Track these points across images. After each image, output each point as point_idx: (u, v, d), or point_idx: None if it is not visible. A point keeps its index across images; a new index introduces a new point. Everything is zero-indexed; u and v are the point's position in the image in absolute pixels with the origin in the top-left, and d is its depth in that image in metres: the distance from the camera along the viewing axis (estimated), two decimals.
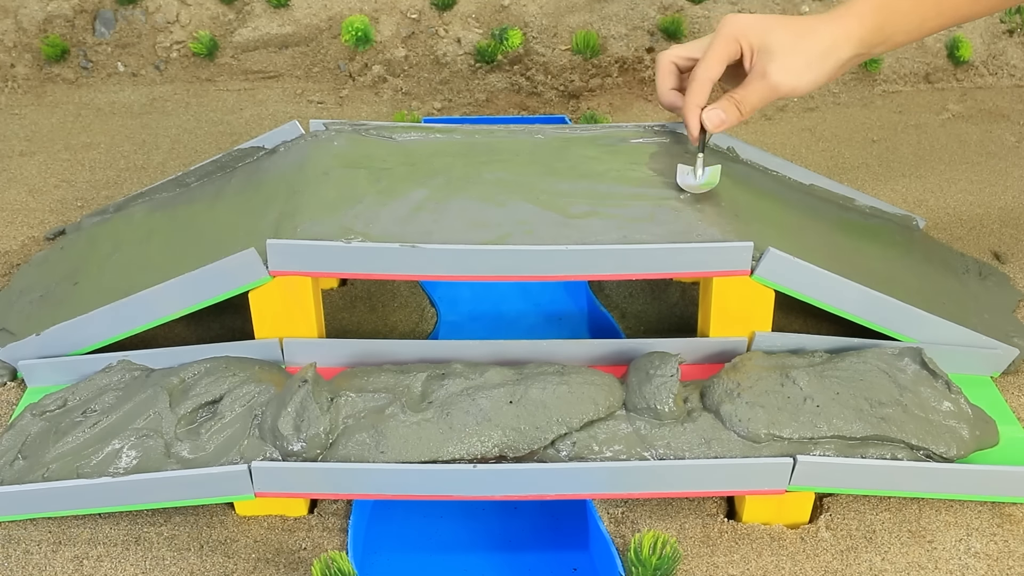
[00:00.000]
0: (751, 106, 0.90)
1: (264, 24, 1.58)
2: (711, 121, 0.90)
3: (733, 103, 0.90)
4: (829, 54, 0.88)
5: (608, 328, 1.04)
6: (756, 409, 0.80)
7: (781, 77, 0.88)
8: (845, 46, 0.88)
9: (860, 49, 0.89)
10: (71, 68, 1.59)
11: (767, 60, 0.88)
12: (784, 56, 0.87)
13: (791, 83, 0.88)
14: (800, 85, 0.88)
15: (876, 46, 0.90)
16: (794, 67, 0.88)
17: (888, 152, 1.40)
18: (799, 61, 0.88)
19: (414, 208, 0.88)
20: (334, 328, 1.04)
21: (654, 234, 0.85)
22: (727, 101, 0.90)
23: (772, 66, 0.88)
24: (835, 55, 0.88)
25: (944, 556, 0.80)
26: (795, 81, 0.88)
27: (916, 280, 0.99)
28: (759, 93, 0.89)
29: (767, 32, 0.88)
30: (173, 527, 0.82)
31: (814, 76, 0.88)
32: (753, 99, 0.90)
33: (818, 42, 0.88)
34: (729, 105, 0.90)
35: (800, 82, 0.88)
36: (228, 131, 1.46)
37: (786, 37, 0.88)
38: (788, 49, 0.87)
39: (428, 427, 0.79)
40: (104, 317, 0.89)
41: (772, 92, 0.89)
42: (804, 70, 0.88)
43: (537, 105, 1.52)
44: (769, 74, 0.88)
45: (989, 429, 0.84)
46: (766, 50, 0.88)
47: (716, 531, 0.82)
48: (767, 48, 0.88)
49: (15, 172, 1.34)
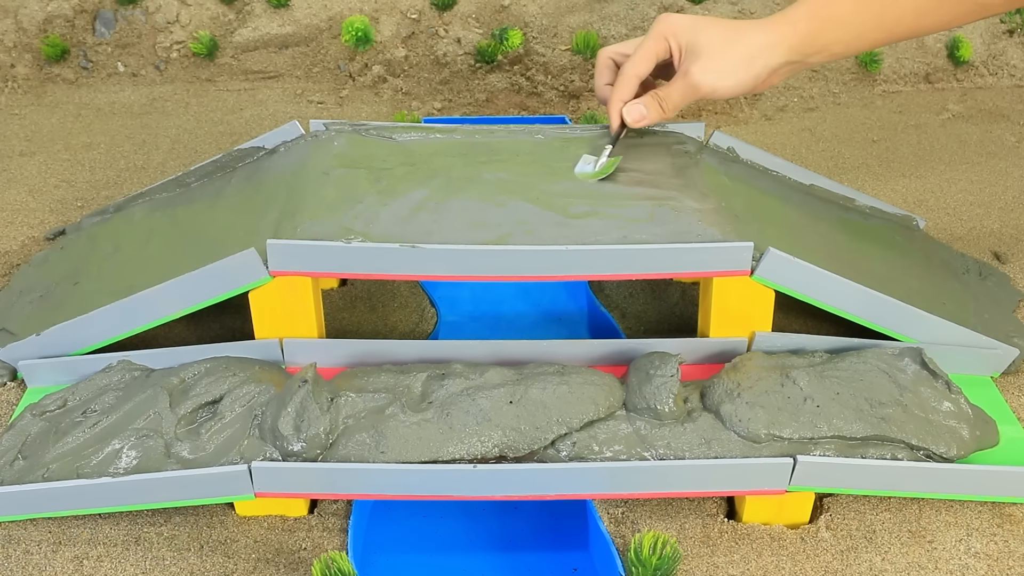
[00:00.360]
0: (673, 104, 0.91)
1: (264, 24, 1.59)
2: (631, 115, 0.92)
3: (656, 100, 0.91)
4: (756, 59, 0.88)
5: (608, 328, 1.04)
6: (756, 409, 0.80)
7: (702, 77, 0.88)
8: (774, 52, 0.88)
9: (791, 57, 0.89)
10: (71, 68, 1.59)
11: (691, 60, 0.89)
12: (709, 57, 0.88)
13: (711, 83, 0.89)
14: (721, 87, 0.89)
15: (811, 55, 0.89)
16: (717, 68, 0.88)
17: (888, 152, 1.40)
18: (723, 63, 0.88)
19: (414, 208, 0.88)
20: (334, 328, 1.04)
21: (654, 234, 0.85)
22: (650, 97, 0.92)
23: (695, 66, 0.89)
24: (762, 60, 0.88)
25: (944, 556, 0.80)
26: (716, 82, 0.89)
27: (916, 280, 0.99)
28: (681, 91, 0.90)
29: (696, 32, 0.89)
30: (173, 527, 0.82)
31: (738, 79, 0.88)
32: (675, 97, 0.91)
33: (745, 46, 0.88)
34: (651, 101, 0.92)
35: (722, 84, 0.89)
36: (228, 131, 1.46)
37: (714, 39, 0.89)
38: (714, 51, 0.88)
39: (428, 427, 0.79)
40: (104, 317, 0.89)
41: (693, 92, 0.90)
42: (727, 73, 0.88)
43: (537, 105, 1.52)
44: (691, 73, 0.89)
45: (989, 429, 0.84)
46: (693, 50, 0.89)
47: (716, 531, 0.82)
48: (694, 48, 0.89)
49: (15, 172, 1.34)
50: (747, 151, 1.07)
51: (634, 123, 0.92)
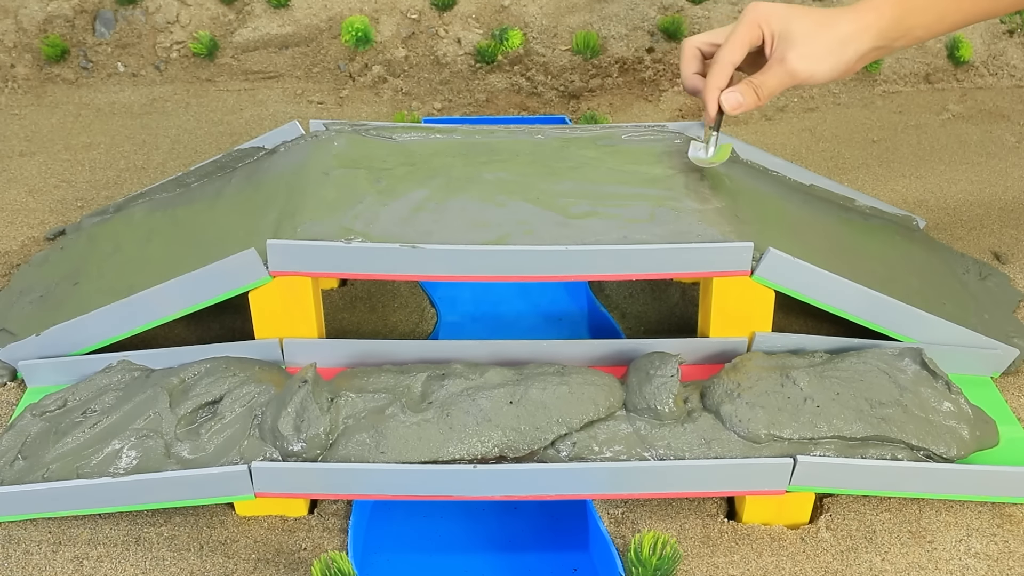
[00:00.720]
0: (769, 90, 0.91)
1: (264, 24, 1.58)
2: (729, 103, 0.91)
3: (752, 87, 0.91)
4: (848, 44, 0.89)
5: (608, 328, 1.04)
6: (756, 409, 0.80)
7: (799, 64, 0.89)
8: (864, 37, 0.89)
9: (879, 41, 0.90)
10: (71, 68, 1.59)
11: (786, 47, 0.89)
12: (803, 43, 0.89)
13: (809, 69, 0.89)
14: (818, 72, 0.89)
15: (896, 39, 0.91)
16: (813, 54, 0.89)
17: (888, 152, 1.40)
18: (818, 49, 0.89)
19: (414, 208, 0.88)
20: (334, 328, 1.04)
21: (654, 234, 0.85)
22: (745, 85, 0.91)
23: (791, 52, 0.89)
24: (854, 45, 0.89)
25: (944, 556, 0.80)
26: (813, 68, 0.89)
27: (916, 280, 0.99)
28: (778, 78, 0.90)
29: (788, 19, 0.90)
30: (173, 527, 0.82)
31: (832, 64, 0.89)
32: (771, 83, 0.91)
33: (838, 31, 0.89)
34: (747, 88, 0.91)
35: (818, 69, 0.89)
36: (228, 131, 1.46)
37: (806, 25, 0.89)
38: (808, 37, 0.89)
39: (428, 427, 0.79)
40: (104, 317, 0.89)
41: (790, 78, 0.90)
42: (823, 58, 0.89)
43: (537, 105, 1.52)
44: (788, 60, 0.89)
45: (989, 429, 0.84)
46: (786, 37, 0.90)
47: (716, 531, 0.82)
48: (787, 35, 0.89)
49: (15, 172, 1.34)
50: (747, 151, 1.07)
51: (732, 110, 0.91)
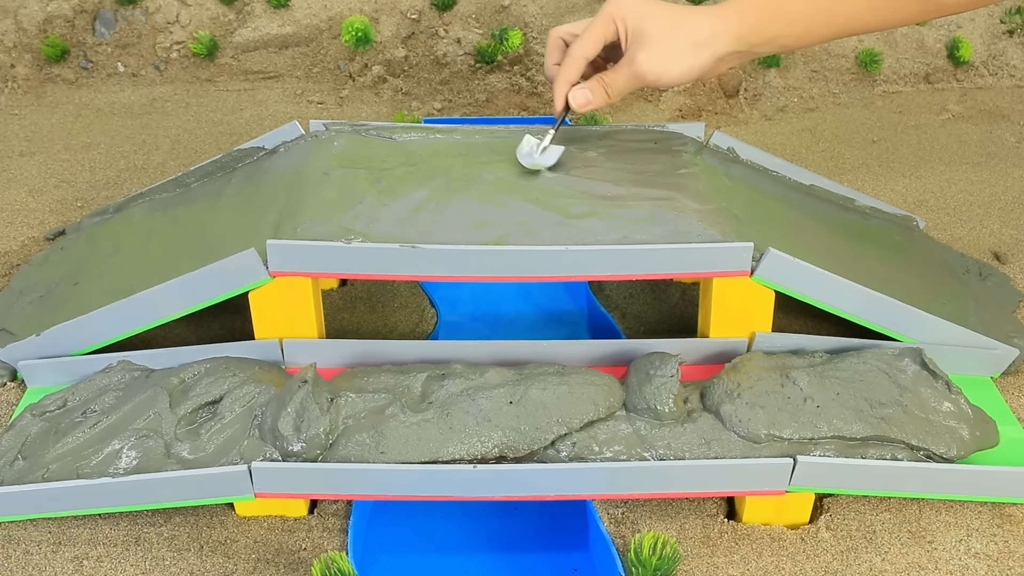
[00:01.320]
0: (618, 90, 0.90)
1: (264, 24, 1.58)
2: (576, 100, 0.91)
3: (602, 85, 0.90)
4: (702, 47, 0.87)
5: (608, 328, 1.04)
6: (756, 409, 0.80)
7: (648, 65, 0.87)
8: (721, 41, 0.87)
9: (738, 46, 0.88)
10: (71, 68, 1.59)
11: (637, 47, 0.88)
12: (654, 45, 0.87)
13: (656, 71, 0.88)
14: (666, 75, 0.88)
15: (759, 45, 0.88)
16: (662, 57, 0.87)
17: (888, 152, 1.40)
18: (668, 52, 0.87)
19: (414, 208, 0.88)
20: (334, 328, 1.04)
21: (654, 234, 0.85)
22: (596, 82, 0.91)
23: (640, 54, 0.87)
24: (709, 49, 0.87)
25: (944, 556, 0.80)
26: (661, 70, 0.87)
27: (916, 280, 0.99)
28: (625, 78, 0.89)
29: (644, 17, 0.88)
30: (173, 527, 0.82)
31: (683, 68, 0.87)
32: (620, 83, 0.90)
33: (691, 34, 0.87)
34: (597, 86, 0.90)
35: (667, 72, 0.88)
36: (228, 131, 1.46)
37: (660, 25, 0.87)
38: (659, 38, 0.87)
39: (428, 427, 0.79)
40: (104, 317, 0.89)
41: (637, 80, 0.89)
42: (672, 61, 0.87)
43: (537, 105, 1.52)
44: (636, 61, 0.88)
45: (989, 429, 0.84)
46: (639, 36, 0.88)
47: (716, 531, 0.82)
48: (640, 34, 0.88)
49: (15, 172, 1.34)
50: (747, 151, 1.07)
51: (579, 108, 0.91)
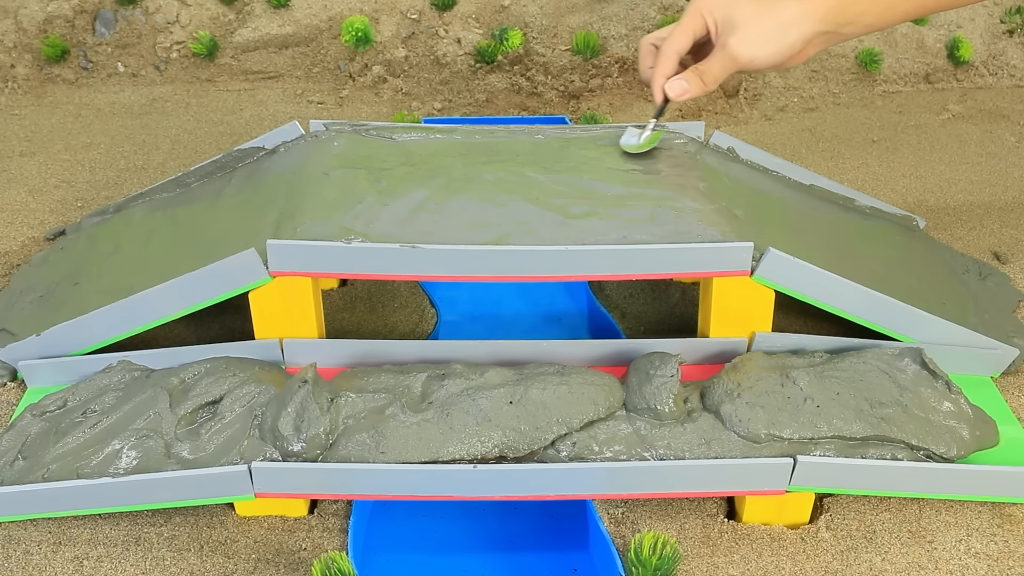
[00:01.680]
0: (714, 76, 0.92)
1: (264, 24, 1.58)
2: (673, 90, 0.93)
3: (697, 74, 0.93)
4: (790, 28, 0.89)
5: (608, 328, 1.04)
6: (756, 409, 0.80)
7: (740, 47, 0.90)
8: (808, 21, 0.89)
9: (824, 26, 0.90)
10: (71, 68, 1.59)
11: (729, 32, 0.91)
12: (744, 28, 0.90)
13: (749, 53, 0.90)
14: (759, 56, 0.90)
15: (843, 25, 0.90)
16: (754, 39, 0.90)
17: (888, 152, 1.40)
18: (759, 33, 0.90)
19: (414, 208, 0.88)
20: (334, 328, 1.04)
21: (654, 234, 0.85)
22: (691, 72, 0.93)
23: (732, 38, 0.90)
24: (796, 29, 0.89)
25: (944, 556, 0.80)
26: (753, 51, 0.90)
27: (916, 280, 0.99)
28: (721, 63, 0.92)
29: (730, 6, 0.91)
30: (173, 527, 0.82)
31: (774, 48, 0.90)
32: (715, 70, 0.92)
33: (779, 16, 0.89)
34: (692, 76, 0.93)
35: (759, 53, 0.90)
36: (228, 131, 1.46)
37: (748, 11, 0.90)
38: (749, 21, 0.90)
39: (428, 427, 0.79)
40: (104, 317, 0.89)
41: (732, 63, 0.91)
42: (764, 42, 0.90)
43: (537, 105, 1.52)
44: (729, 45, 0.90)
45: (989, 429, 0.84)
46: (729, 23, 0.91)
47: (716, 531, 0.82)
48: (730, 21, 0.91)
49: (15, 172, 1.34)
50: (747, 151, 1.07)
51: (677, 97, 0.93)
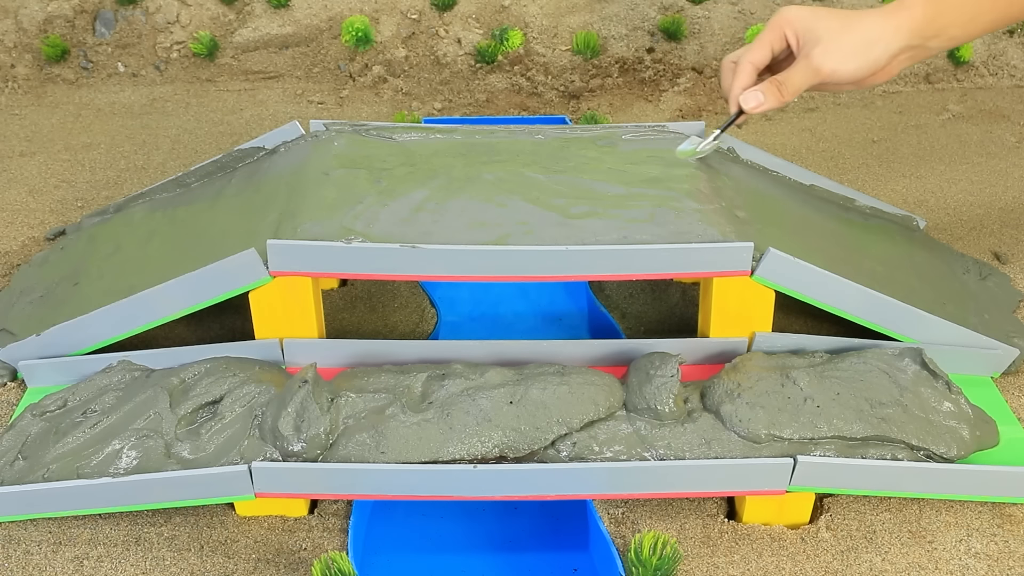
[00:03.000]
0: (794, 87, 0.91)
1: (264, 24, 1.59)
2: (748, 102, 0.92)
3: (774, 84, 0.91)
4: (875, 43, 0.88)
5: (608, 328, 1.04)
6: (756, 409, 0.80)
7: (823, 60, 0.89)
8: (894, 37, 0.88)
9: (911, 40, 0.89)
10: (71, 68, 1.59)
11: (812, 44, 0.89)
12: (828, 41, 0.89)
13: (832, 66, 0.89)
14: (841, 70, 0.89)
15: (930, 39, 0.89)
16: (838, 52, 0.88)
17: (888, 152, 1.40)
18: (843, 47, 0.88)
19: (414, 208, 0.88)
20: (334, 328, 1.04)
21: (654, 234, 0.85)
22: (768, 83, 0.92)
23: (816, 50, 0.89)
24: (882, 45, 0.88)
25: (944, 556, 0.80)
26: (836, 65, 0.89)
27: (916, 280, 0.99)
28: (802, 74, 0.90)
29: (814, 20, 0.90)
30: (173, 527, 0.82)
31: (859, 63, 0.89)
32: (796, 80, 0.91)
33: (865, 30, 0.88)
34: (769, 87, 0.91)
35: (844, 67, 0.89)
36: (228, 131, 1.46)
37: (832, 25, 0.89)
38: (833, 35, 0.89)
39: (428, 427, 0.79)
40: (104, 317, 0.89)
41: (814, 75, 0.90)
42: (849, 56, 0.88)
43: (537, 105, 1.52)
44: (812, 56, 0.89)
45: (989, 429, 0.84)
46: (812, 36, 0.90)
47: (716, 531, 0.82)
48: (813, 34, 0.89)
49: (15, 172, 1.34)
50: (747, 151, 1.07)
51: (751, 109, 0.92)
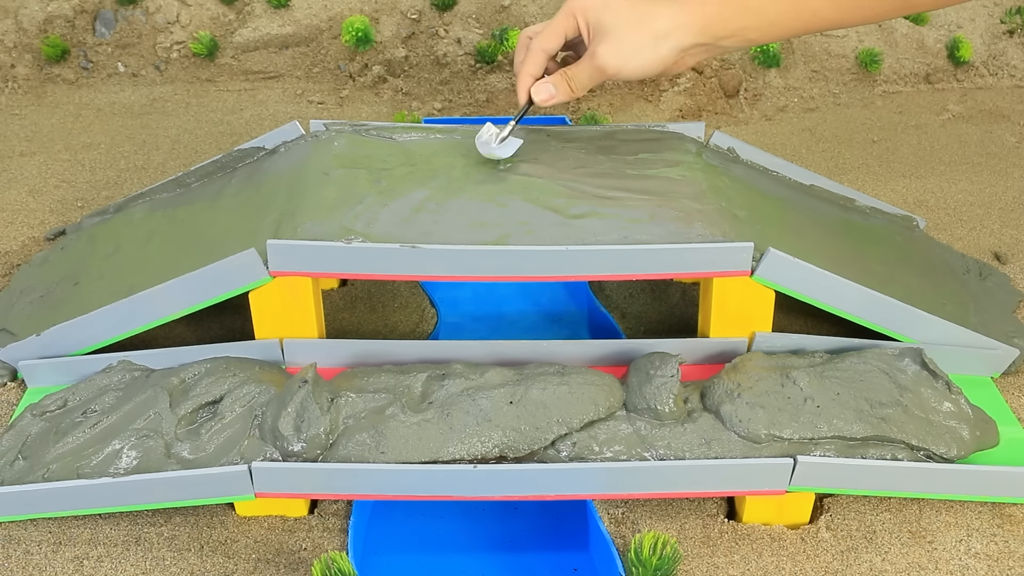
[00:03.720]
0: (581, 84, 0.90)
1: (264, 24, 1.58)
2: (539, 95, 0.91)
3: (565, 79, 0.90)
4: (663, 40, 0.86)
5: (608, 328, 1.04)
6: (756, 409, 0.80)
7: (608, 58, 0.87)
8: (684, 33, 0.86)
9: (701, 38, 0.86)
10: (71, 68, 1.59)
11: (599, 40, 0.87)
12: (615, 38, 0.87)
13: (617, 64, 0.87)
14: (627, 67, 0.87)
15: (724, 38, 0.87)
16: (622, 50, 0.87)
17: (888, 152, 1.40)
18: (629, 44, 0.86)
19: (414, 208, 0.88)
20: (334, 328, 1.04)
21: (654, 234, 0.85)
22: (559, 76, 0.90)
23: (601, 47, 0.87)
24: (671, 41, 0.86)
25: (944, 556, 0.80)
26: (621, 63, 0.87)
27: (916, 280, 0.99)
28: (588, 72, 0.89)
29: (604, 11, 0.87)
30: (173, 527, 0.82)
31: (645, 61, 0.87)
32: (582, 77, 0.89)
33: (652, 26, 0.86)
34: (560, 80, 0.90)
35: (628, 64, 0.87)
36: (228, 131, 1.46)
37: (621, 19, 0.87)
38: (620, 31, 0.87)
39: (428, 427, 0.79)
40: (104, 317, 0.89)
41: (599, 73, 0.88)
42: (634, 53, 0.86)
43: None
44: (597, 55, 0.87)
45: (989, 430, 0.84)
46: (600, 30, 0.87)
47: (716, 531, 0.82)
48: (601, 27, 0.87)
49: (15, 172, 1.34)
50: (747, 151, 1.07)
51: (542, 102, 0.91)
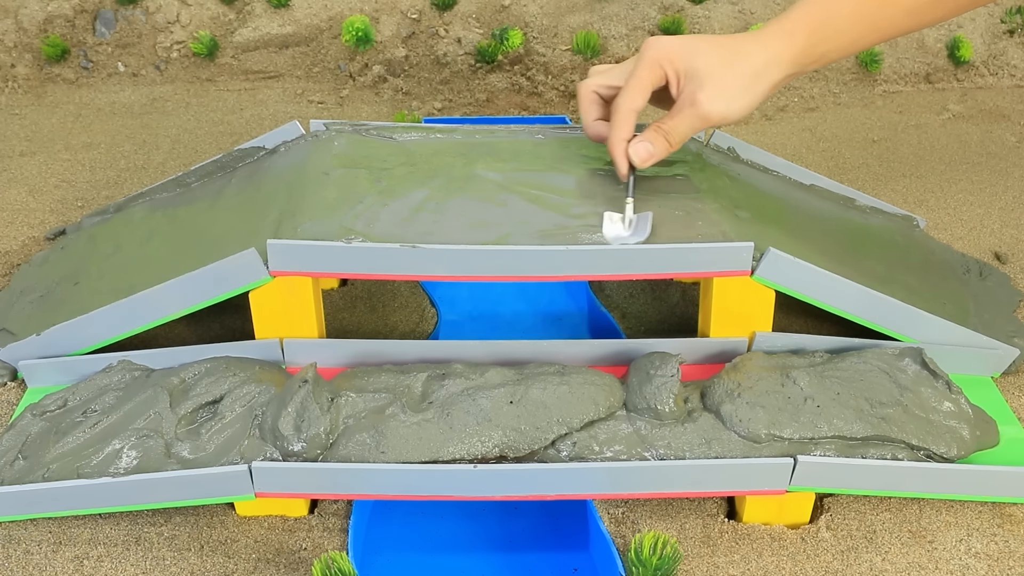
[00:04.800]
0: (680, 136, 0.85)
1: (264, 24, 1.58)
2: (638, 156, 0.86)
3: (661, 134, 0.85)
4: (760, 77, 0.83)
5: (608, 328, 1.04)
6: (756, 409, 0.80)
7: (712, 105, 0.83)
8: (776, 68, 0.84)
9: (792, 70, 0.85)
10: (71, 68, 1.59)
11: (696, 87, 0.83)
12: (713, 82, 0.83)
13: (722, 110, 0.83)
14: (732, 112, 0.84)
15: (808, 65, 0.85)
16: (725, 94, 0.83)
17: (888, 152, 1.40)
18: (730, 87, 0.83)
19: (414, 208, 0.88)
20: (334, 328, 1.04)
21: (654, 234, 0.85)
22: (654, 132, 0.85)
23: (701, 94, 0.83)
24: (766, 78, 0.84)
25: (945, 556, 0.80)
26: (726, 108, 0.83)
27: (916, 280, 0.99)
28: (689, 122, 0.84)
29: (694, 56, 0.83)
30: (173, 527, 0.82)
31: (747, 101, 0.84)
32: (683, 129, 0.85)
33: (748, 66, 0.83)
34: (657, 136, 0.85)
35: (732, 108, 0.83)
36: (228, 131, 1.46)
37: (714, 61, 0.83)
38: (717, 74, 0.83)
39: (428, 427, 0.79)
40: (104, 317, 0.89)
41: (703, 121, 0.84)
42: (736, 96, 0.83)
43: (537, 105, 1.52)
44: (699, 103, 0.83)
45: (989, 429, 0.84)
46: (694, 76, 0.83)
47: (716, 531, 0.82)
48: (695, 74, 0.83)
49: (15, 172, 1.34)
50: (747, 151, 1.07)
51: (642, 164, 0.86)
